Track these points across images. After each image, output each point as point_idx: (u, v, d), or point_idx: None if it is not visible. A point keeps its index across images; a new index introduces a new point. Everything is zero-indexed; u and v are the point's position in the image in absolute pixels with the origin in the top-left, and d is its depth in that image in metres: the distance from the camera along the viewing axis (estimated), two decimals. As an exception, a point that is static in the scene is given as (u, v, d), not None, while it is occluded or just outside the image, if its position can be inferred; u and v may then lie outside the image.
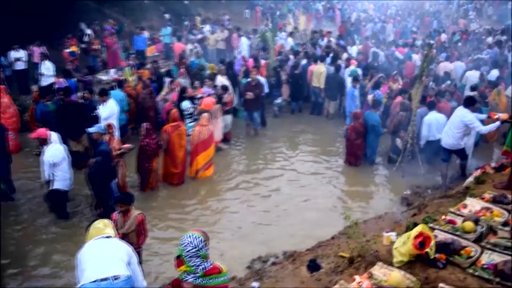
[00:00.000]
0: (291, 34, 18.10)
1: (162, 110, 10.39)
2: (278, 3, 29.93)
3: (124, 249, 4.26)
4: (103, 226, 4.36)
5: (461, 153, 8.16)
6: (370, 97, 9.87)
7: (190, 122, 9.50)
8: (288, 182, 8.85)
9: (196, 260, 3.36)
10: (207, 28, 19.16)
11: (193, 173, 8.77)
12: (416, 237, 4.29)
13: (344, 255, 4.99)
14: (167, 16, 19.84)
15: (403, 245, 4.38)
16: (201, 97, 9.70)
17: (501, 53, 15.43)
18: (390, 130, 9.55)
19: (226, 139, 10.46)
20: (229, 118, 10.42)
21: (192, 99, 9.80)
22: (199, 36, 17.57)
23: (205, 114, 8.85)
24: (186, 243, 3.39)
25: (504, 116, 7.16)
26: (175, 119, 8.54)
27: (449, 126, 7.91)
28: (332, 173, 9.24)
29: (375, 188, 8.75)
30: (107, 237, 4.26)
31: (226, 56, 15.63)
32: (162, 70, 12.66)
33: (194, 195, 8.40)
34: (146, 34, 17.73)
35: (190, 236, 3.43)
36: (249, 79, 10.92)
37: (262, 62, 12.74)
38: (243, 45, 16.50)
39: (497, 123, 7.43)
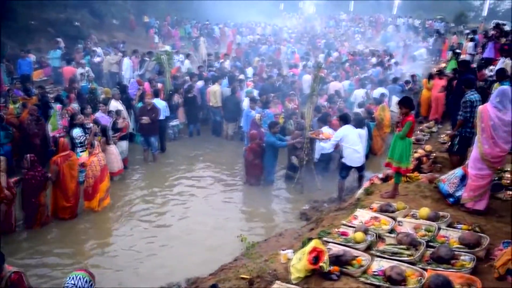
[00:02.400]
0: (188, 57, 18.06)
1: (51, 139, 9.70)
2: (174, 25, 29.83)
3: None
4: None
5: (362, 166, 8.65)
6: (257, 116, 10.08)
7: (82, 151, 8.96)
8: (189, 207, 8.66)
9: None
10: (99, 50, 18.42)
11: (96, 204, 8.21)
12: (310, 252, 4.40)
13: (245, 277, 4.96)
14: (58, 39, 18.74)
15: (299, 262, 4.46)
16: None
17: (383, 72, 16.81)
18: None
19: (123, 166, 10.00)
20: (124, 144, 10.01)
21: (83, 126, 9.25)
22: (97, 59, 16.84)
23: (96, 142, 8.47)
24: (69, 286, 3.11)
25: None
26: (64, 149, 7.99)
27: (359, 145, 8.40)
28: (233, 194, 9.26)
29: (275, 206, 8.91)
30: None
31: (120, 79, 15.18)
32: (50, 96, 11.86)
33: (89, 229, 7.86)
34: (32, 57, 16.58)
35: (73, 278, 3.16)
36: (144, 103, 10.62)
37: (159, 85, 12.51)
38: (125, 66, 16.04)
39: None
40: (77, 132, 9.07)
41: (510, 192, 6.39)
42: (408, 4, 51.44)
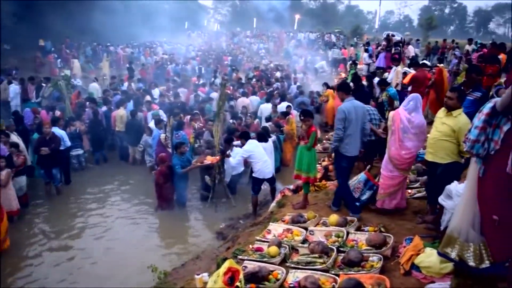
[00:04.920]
0: (95, 80, 17.24)
1: None
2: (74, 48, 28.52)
3: None
4: None
5: (273, 178, 8.76)
6: (162, 136, 9.90)
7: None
8: (98, 239, 8.14)
9: None
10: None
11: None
12: (225, 273, 4.30)
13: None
14: None
15: (214, 284, 4.34)
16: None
17: (288, 86, 17.39)
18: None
19: (22, 203, 9.17)
20: (23, 179, 9.22)
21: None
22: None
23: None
24: None
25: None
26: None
27: (266, 157, 8.50)
28: (146, 221, 8.83)
29: (191, 228, 8.69)
30: None
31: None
32: None
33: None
34: None
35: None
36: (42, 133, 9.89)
37: (57, 112, 11.77)
38: (12, 94, 14.98)
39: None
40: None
41: (410, 191, 6.85)
42: (308, 19, 54.17)
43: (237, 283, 4.27)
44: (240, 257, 5.19)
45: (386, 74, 14.99)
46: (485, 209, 3.28)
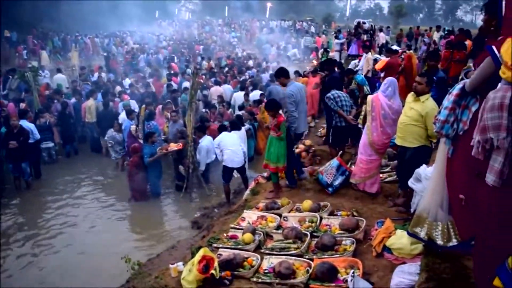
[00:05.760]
0: (58, 71, 16.82)
1: None
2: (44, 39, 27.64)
3: None
4: None
5: (243, 168, 8.74)
6: (132, 127, 9.79)
7: None
8: (71, 232, 8.01)
9: None
10: None
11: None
12: (200, 261, 4.32)
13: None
14: None
15: (189, 273, 4.35)
16: None
17: (258, 74, 17.35)
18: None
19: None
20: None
21: None
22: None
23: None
24: None
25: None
26: None
27: (237, 146, 8.42)
28: (120, 213, 8.73)
29: (166, 218, 8.63)
30: None
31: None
32: None
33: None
34: None
35: None
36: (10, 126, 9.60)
37: (22, 105, 11.44)
38: None
39: None
40: None
41: (381, 175, 6.96)
42: (280, 7, 54.02)
43: (212, 271, 4.29)
44: (214, 245, 5.21)
45: (353, 62, 15.18)
46: (453, 189, 3.36)
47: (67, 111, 11.90)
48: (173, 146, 9.16)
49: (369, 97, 6.16)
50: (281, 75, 7.02)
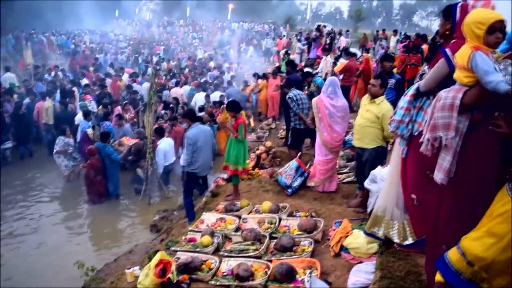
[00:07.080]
0: (7, 70, 16.08)
1: None
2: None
3: None
4: None
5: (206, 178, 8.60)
6: (89, 131, 9.54)
7: None
8: (25, 237, 7.64)
9: None
10: None
11: None
12: (157, 265, 4.23)
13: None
14: None
15: (145, 278, 4.25)
16: None
17: (220, 76, 17.30)
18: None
19: None
20: None
21: None
22: None
23: None
24: None
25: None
26: None
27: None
28: (77, 217, 8.46)
29: (124, 222, 8.43)
30: None
31: None
32: None
33: None
34: None
35: None
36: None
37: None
38: None
39: None
40: None
41: (339, 176, 7.06)
42: (241, 9, 54.00)
43: (169, 275, 4.22)
44: (172, 248, 5.12)
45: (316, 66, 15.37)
46: (406, 189, 3.43)
47: (20, 111, 11.41)
48: (125, 142, 8.97)
49: (314, 100, 6.38)
50: (187, 116, 7.17)
